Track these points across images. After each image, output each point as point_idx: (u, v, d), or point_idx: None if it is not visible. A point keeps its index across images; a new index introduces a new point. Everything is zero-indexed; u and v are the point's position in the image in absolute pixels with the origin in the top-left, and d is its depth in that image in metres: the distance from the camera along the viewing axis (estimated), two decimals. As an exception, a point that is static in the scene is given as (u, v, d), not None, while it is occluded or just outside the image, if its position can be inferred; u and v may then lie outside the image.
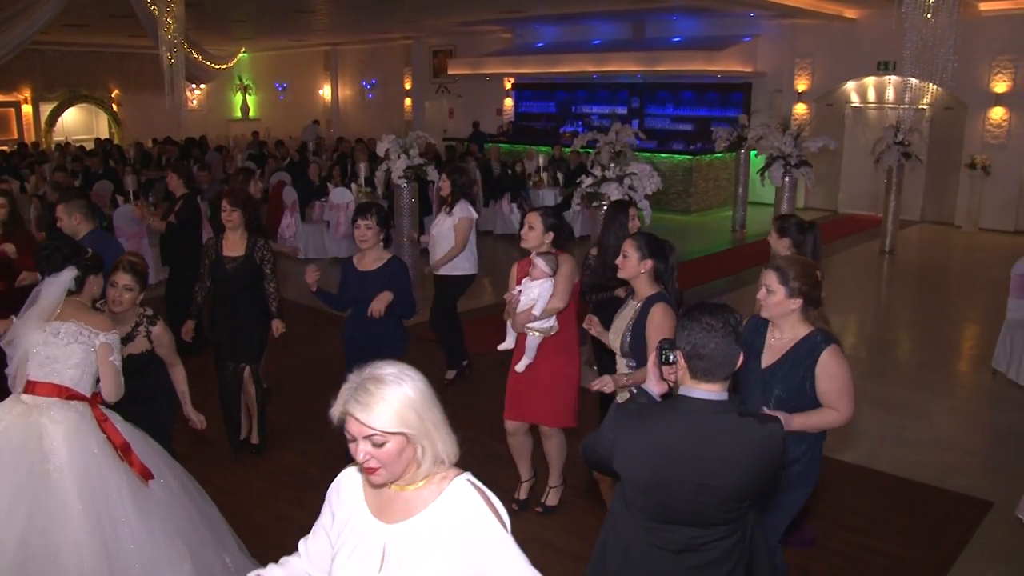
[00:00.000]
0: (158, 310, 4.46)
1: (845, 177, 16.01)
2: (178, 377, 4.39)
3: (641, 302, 3.93)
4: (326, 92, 25.24)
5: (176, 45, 10.61)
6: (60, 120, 22.75)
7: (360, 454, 1.98)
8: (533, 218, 4.62)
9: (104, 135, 23.06)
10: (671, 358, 2.69)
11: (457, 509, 2.05)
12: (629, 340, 3.90)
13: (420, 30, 20.67)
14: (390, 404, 1.96)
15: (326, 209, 11.91)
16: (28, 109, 22.05)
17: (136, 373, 4.16)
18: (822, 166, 13.57)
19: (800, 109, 16.13)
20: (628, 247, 3.91)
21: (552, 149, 15.50)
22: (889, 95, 15.46)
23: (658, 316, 3.83)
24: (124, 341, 4.14)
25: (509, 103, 20.87)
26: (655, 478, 2.51)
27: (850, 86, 15.91)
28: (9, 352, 3.62)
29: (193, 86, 22.17)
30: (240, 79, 26.61)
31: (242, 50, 24.16)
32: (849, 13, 14.92)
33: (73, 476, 3.35)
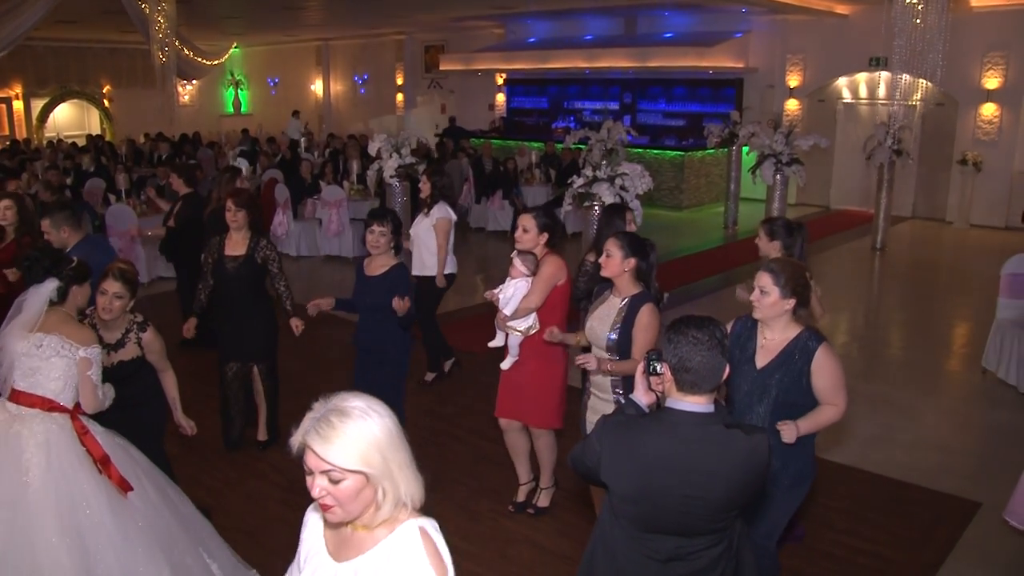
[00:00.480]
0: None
1: (837, 173, 16.04)
2: (169, 383, 4.39)
3: (626, 300, 3.97)
4: (318, 87, 25.18)
5: (168, 44, 10.58)
6: (52, 116, 22.65)
7: (315, 489, 1.88)
8: (527, 220, 4.62)
9: (96, 131, 22.97)
10: (658, 368, 2.71)
11: (397, 556, 1.95)
12: (616, 339, 3.94)
13: (412, 25, 20.64)
14: (352, 440, 1.86)
15: (318, 207, 11.89)
16: (19, 105, 21.95)
17: (126, 379, 4.16)
18: (814, 162, 13.58)
19: (792, 105, 16.15)
20: (611, 246, 3.95)
21: (544, 145, 15.51)
22: (881, 91, 15.48)
23: (646, 317, 3.90)
24: (114, 347, 4.15)
25: (501, 98, 20.86)
26: (642, 489, 2.54)
27: (842, 82, 15.93)
28: None
29: (184, 82, 22.07)
30: (232, 74, 26.54)
31: (234, 45, 24.10)
32: (841, 9, 14.94)
33: (51, 489, 3.37)
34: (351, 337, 5.27)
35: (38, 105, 22.28)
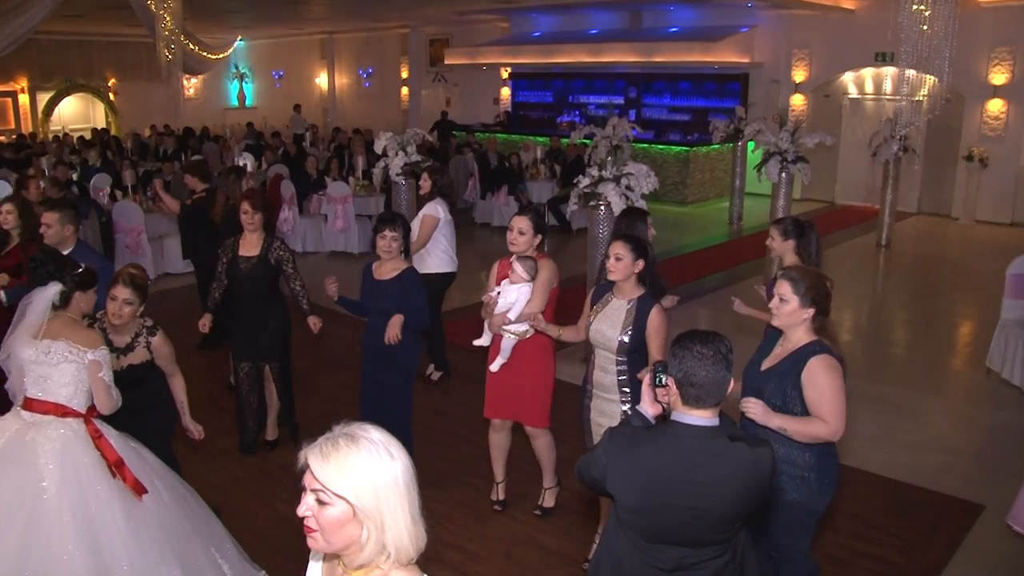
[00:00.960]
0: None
1: (842, 168, 16.02)
2: (177, 387, 4.42)
3: (632, 302, 4.00)
4: (323, 80, 25.18)
5: (174, 41, 10.60)
6: (57, 110, 22.68)
7: (302, 506, 1.82)
8: (523, 222, 4.59)
9: (101, 124, 23.03)
10: (663, 380, 2.74)
11: None
12: (628, 341, 3.97)
13: (416, 19, 20.63)
14: (350, 467, 1.78)
15: (324, 203, 11.92)
16: (25, 99, 21.99)
17: (135, 383, 4.19)
18: (819, 157, 13.56)
19: (797, 100, 16.12)
20: (622, 249, 3.96)
21: (549, 140, 15.51)
22: (887, 87, 15.45)
23: (657, 320, 3.95)
24: (124, 351, 4.19)
25: (506, 92, 20.85)
26: (647, 500, 2.57)
27: (848, 77, 15.90)
28: (6, 367, 3.68)
29: (189, 76, 22.08)
30: (236, 67, 26.54)
31: (238, 38, 24.11)
32: (847, 4, 14.91)
33: (66, 494, 3.41)
34: (360, 338, 5.28)
35: (43, 98, 22.33)
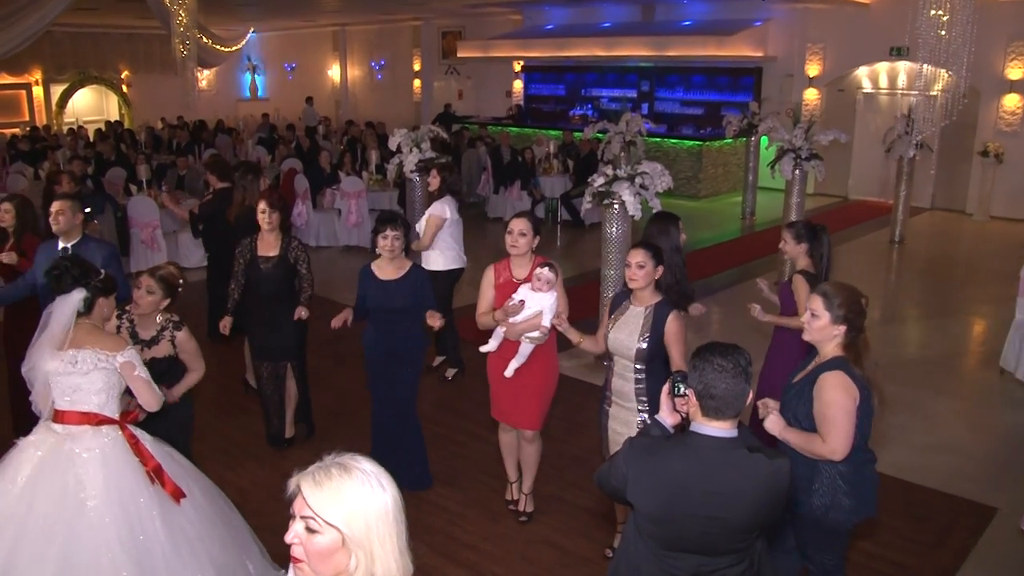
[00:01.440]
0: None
1: (855, 163, 15.95)
2: (192, 376, 4.42)
3: (649, 308, 4.02)
4: (335, 72, 25.20)
5: (189, 36, 10.66)
6: (71, 102, 22.77)
7: (290, 533, 1.81)
8: (524, 224, 4.59)
9: (114, 116, 23.11)
10: (682, 390, 2.78)
11: None
12: (646, 348, 3.99)
13: (429, 11, 20.61)
14: (344, 496, 1.79)
15: (337, 197, 11.96)
16: (39, 91, 22.07)
17: (157, 377, 4.23)
18: (832, 152, 13.50)
19: (811, 94, 16.06)
20: (643, 257, 3.99)
21: (562, 135, 15.50)
22: (901, 81, 15.38)
23: (675, 326, 3.98)
24: (148, 344, 4.24)
25: (518, 85, 20.83)
26: (666, 510, 2.61)
27: (862, 72, 15.82)
28: (30, 379, 3.66)
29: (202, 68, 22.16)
30: (249, 59, 26.58)
31: (251, 30, 24.14)
32: (862, -2, 14.85)
33: (108, 504, 3.43)
34: (362, 338, 5.27)
35: (57, 91, 22.39)
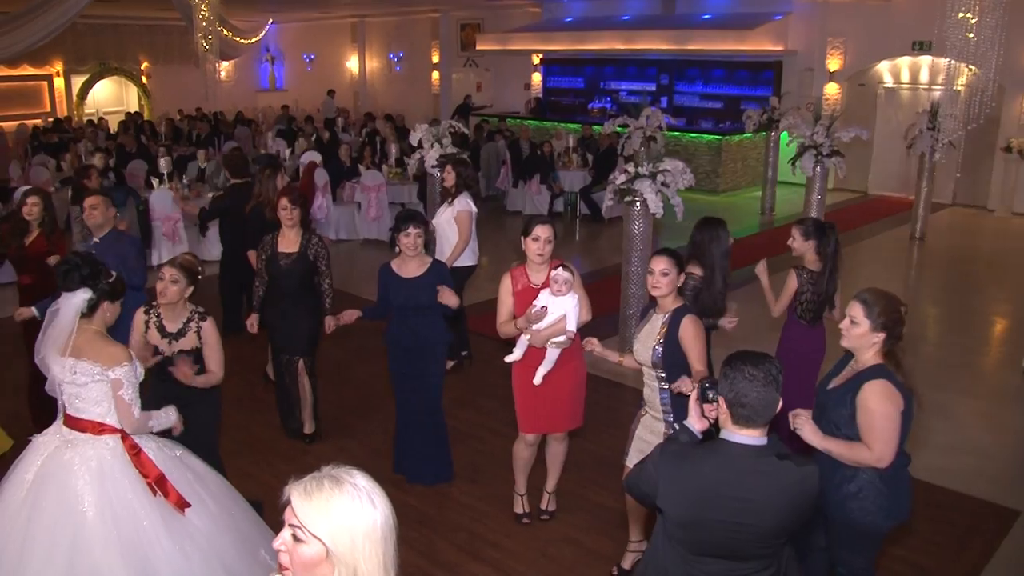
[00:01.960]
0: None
1: (876, 159, 15.86)
2: (211, 377, 4.41)
3: (668, 315, 4.04)
4: (353, 64, 25.24)
5: (211, 31, 10.71)
6: (91, 93, 22.91)
7: (278, 540, 1.83)
8: (549, 231, 4.50)
9: (134, 108, 23.24)
10: (711, 396, 2.81)
11: None
12: (661, 353, 4.00)
13: (447, 3, 20.61)
14: (331, 509, 1.79)
15: (357, 191, 12.00)
16: (60, 83, 22.22)
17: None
18: (852, 147, 13.33)
19: (831, 89, 15.96)
20: (667, 264, 4.00)
21: (581, 128, 15.48)
22: (923, 76, 15.26)
23: (691, 328, 3.97)
24: (175, 336, 4.28)
25: (537, 78, 20.80)
26: (695, 515, 2.64)
27: (883, 66, 15.72)
28: (44, 367, 3.65)
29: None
30: (267, 50, 26.64)
31: (269, 21, 24.19)
32: (884, -9, 14.74)
33: (108, 517, 3.39)
34: (384, 336, 5.30)
35: (78, 82, 22.54)
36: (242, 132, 18.14)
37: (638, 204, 7.00)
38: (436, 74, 22.87)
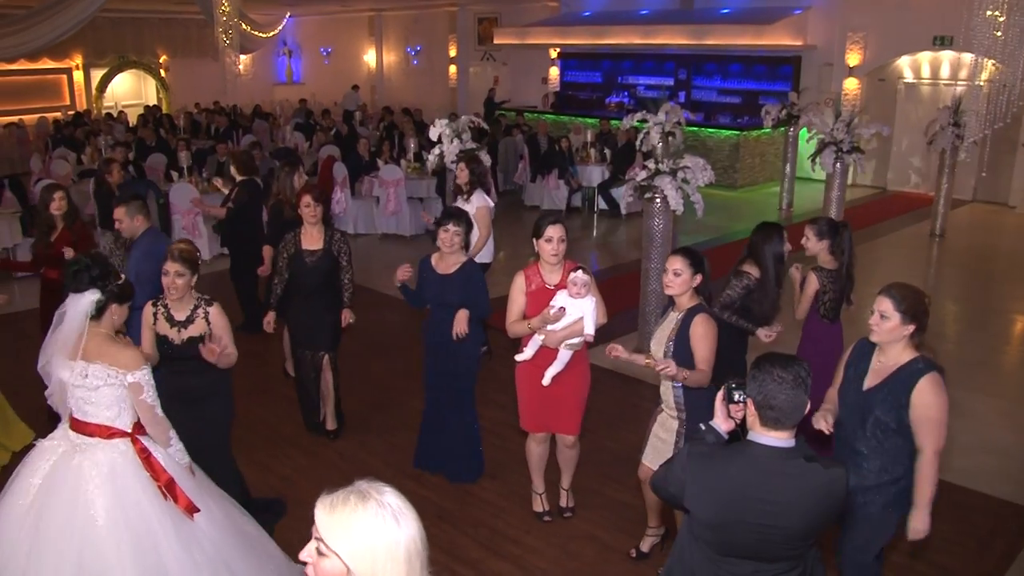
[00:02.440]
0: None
1: (895, 154, 15.77)
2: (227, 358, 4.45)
3: (683, 313, 4.06)
4: (371, 58, 25.27)
5: (231, 25, 10.75)
6: (110, 86, 23.04)
7: (304, 552, 1.79)
8: (562, 231, 4.49)
9: (152, 101, 23.37)
10: (736, 397, 2.81)
11: None
12: (672, 351, 4.03)
13: (465, -2, 20.63)
14: (352, 525, 1.74)
15: (376, 185, 12.02)
16: (79, 76, 22.36)
17: (196, 357, 4.31)
18: (871, 143, 13.32)
19: (851, 84, 15.83)
20: (680, 264, 4.03)
21: (599, 123, 15.44)
22: (944, 71, 15.14)
23: (701, 327, 3.99)
24: (184, 324, 4.33)
25: (555, 72, 20.75)
26: (723, 517, 2.65)
27: (904, 61, 15.60)
28: (45, 374, 3.61)
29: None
30: (285, 43, 26.71)
31: (287, 14, 24.25)
32: (905, -14, 14.59)
33: (119, 521, 3.38)
34: (421, 330, 5.37)
35: (97, 75, 22.67)
36: (260, 126, 18.20)
37: (658, 200, 6.99)
38: (453, 68, 22.88)
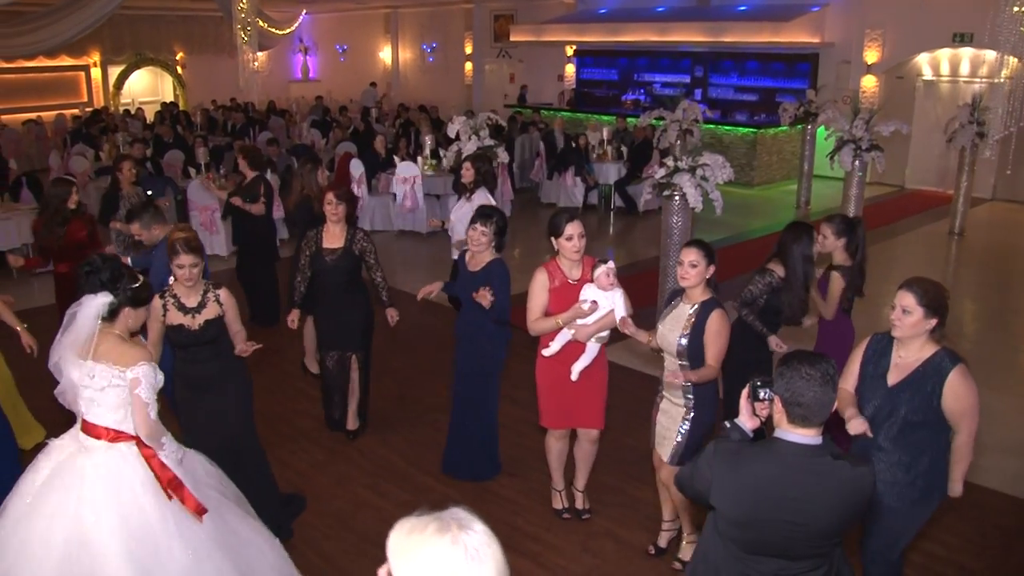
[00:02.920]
0: (231, 288, 4.61)
1: (914, 152, 15.64)
2: (240, 335, 4.52)
3: (696, 306, 4.07)
4: (386, 55, 25.30)
5: (250, 23, 10.79)
6: (127, 83, 23.16)
7: (381, 569, 1.71)
8: (581, 227, 4.52)
9: (169, 98, 23.48)
10: (762, 395, 2.80)
11: None
12: (687, 343, 4.05)
13: (481, -6, 20.61)
14: (420, 554, 1.65)
15: (392, 182, 12.03)
16: (97, 73, 22.48)
17: (212, 341, 4.39)
18: (890, 141, 13.17)
19: (869, 82, 15.74)
20: (696, 256, 4.04)
21: (615, 120, 15.42)
22: (964, 68, 15.02)
23: (716, 323, 4.03)
24: (197, 310, 4.38)
25: (571, 69, 20.72)
26: (749, 514, 2.64)
27: (922, 58, 15.48)
28: (56, 372, 3.58)
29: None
30: (300, 40, 26.78)
31: (303, 11, 24.32)
32: (924, -17, 14.47)
33: (119, 524, 3.35)
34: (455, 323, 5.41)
35: (114, 72, 22.78)
36: (276, 123, 18.25)
37: (677, 198, 6.97)
38: (469, 65, 22.88)
